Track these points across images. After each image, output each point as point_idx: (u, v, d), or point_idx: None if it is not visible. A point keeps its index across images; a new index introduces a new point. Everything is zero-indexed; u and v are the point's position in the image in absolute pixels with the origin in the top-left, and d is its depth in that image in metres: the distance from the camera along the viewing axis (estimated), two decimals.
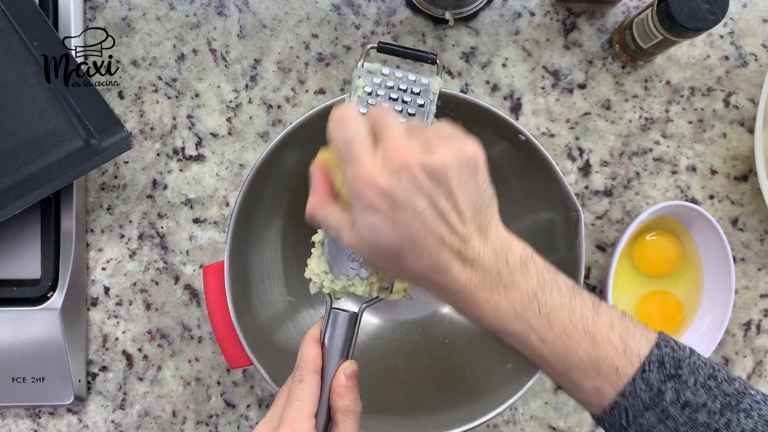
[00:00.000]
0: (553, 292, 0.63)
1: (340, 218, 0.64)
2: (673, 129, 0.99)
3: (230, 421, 0.98)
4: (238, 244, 0.82)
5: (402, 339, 0.96)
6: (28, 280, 0.94)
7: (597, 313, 0.63)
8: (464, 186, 0.61)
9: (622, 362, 0.62)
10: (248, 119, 0.98)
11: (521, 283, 0.63)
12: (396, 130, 0.61)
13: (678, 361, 0.62)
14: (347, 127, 0.62)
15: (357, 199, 0.61)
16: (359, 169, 0.60)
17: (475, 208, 0.62)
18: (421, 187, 0.59)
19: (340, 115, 0.63)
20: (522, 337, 0.63)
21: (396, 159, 0.59)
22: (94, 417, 0.98)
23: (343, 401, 0.68)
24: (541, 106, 0.98)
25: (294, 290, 0.92)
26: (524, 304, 0.62)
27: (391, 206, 0.59)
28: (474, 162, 0.62)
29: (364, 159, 0.60)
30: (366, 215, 0.60)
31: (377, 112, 0.63)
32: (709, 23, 0.83)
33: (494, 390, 0.84)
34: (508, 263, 0.63)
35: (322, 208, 0.66)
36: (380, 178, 0.59)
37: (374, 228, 0.60)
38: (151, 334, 0.98)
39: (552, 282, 0.64)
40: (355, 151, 0.60)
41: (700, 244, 0.97)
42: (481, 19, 0.98)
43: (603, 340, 0.62)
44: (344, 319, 0.71)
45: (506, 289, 0.62)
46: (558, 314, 0.62)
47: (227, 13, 0.98)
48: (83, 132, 0.91)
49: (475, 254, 0.62)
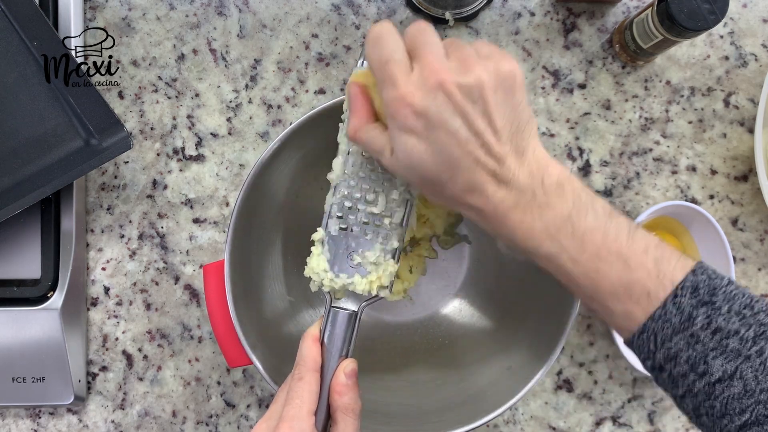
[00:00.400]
0: (588, 214, 0.63)
1: (382, 141, 0.64)
2: (673, 129, 0.99)
3: (230, 421, 0.98)
4: (238, 243, 0.82)
5: (402, 340, 0.96)
6: (28, 280, 0.94)
7: (632, 238, 0.63)
8: (500, 105, 0.61)
9: (655, 286, 0.62)
10: (248, 119, 0.98)
11: (556, 204, 0.62)
12: (433, 48, 0.61)
13: (713, 289, 0.62)
14: (384, 47, 0.61)
15: (392, 119, 0.61)
16: (395, 89, 0.60)
17: (512, 128, 0.61)
18: (456, 105, 0.59)
19: (377, 33, 0.62)
20: (553, 257, 0.63)
21: (432, 78, 0.59)
22: (94, 417, 0.98)
23: (343, 400, 0.68)
24: (541, 106, 0.98)
25: (294, 290, 0.92)
26: (558, 226, 0.62)
27: (426, 126, 0.59)
28: (511, 81, 0.61)
29: (399, 79, 0.60)
30: (401, 136, 0.61)
31: (416, 29, 0.62)
32: (709, 23, 0.83)
33: (494, 391, 0.84)
34: (543, 185, 0.62)
35: (364, 130, 0.66)
36: (415, 98, 0.59)
37: (410, 149, 0.61)
38: (151, 334, 0.98)
39: (588, 204, 0.63)
40: (391, 71, 0.60)
41: (700, 244, 0.97)
42: (481, 19, 0.98)
43: (636, 263, 0.62)
44: (344, 317, 0.71)
45: (540, 210, 0.62)
46: (591, 236, 0.62)
47: (227, 13, 0.98)
48: (83, 132, 0.91)
49: (511, 175, 0.61)
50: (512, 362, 0.86)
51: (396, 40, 0.62)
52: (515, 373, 0.84)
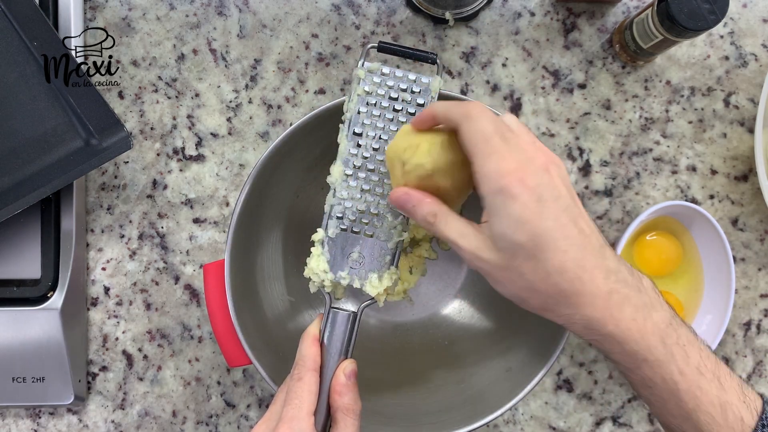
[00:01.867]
0: (682, 325, 0.61)
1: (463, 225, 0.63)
2: (673, 129, 0.99)
3: (230, 421, 0.98)
4: (238, 243, 0.82)
5: (402, 341, 0.96)
6: (28, 280, 0.94)
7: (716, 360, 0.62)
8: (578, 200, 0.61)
9: (746, 412, 0.61)
10: (248, 119, 0.98)
11: (658, 306, 0.61)
12: (528, 135, 0.61)
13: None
14: (488, 122, 0.61)
15: (501, 191, 0.59)
16: (504, 162, 0.59)
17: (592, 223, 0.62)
18: (560, 188, 0.59)
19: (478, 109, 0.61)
20: (664, 365, 0.61)
21: (538, 160, 0.59)
22: (94, 417, 0.98)
23: (343, 400, 0.68)
24: (541, 106, 0.98)
25: (294, 290, 0.92)
26: (666, 330, 0.60)
27: (538, 200, 0.58)
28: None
29: (507, 154, 0.59)
30: (510, 209, 0.58)
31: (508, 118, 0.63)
32: (709, 23, 0.83)
33: (494, 392, 0.84)
34: (643, 284, 0.61)
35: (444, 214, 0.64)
36: (527, 172, 0.58)
37: (517, 222, 0.58)
38: (151, 334, 0.98)
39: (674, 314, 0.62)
40: (497, 146, 0.59)
41: (700, 244, 0.97)
42: (481, 19, 0.98)
43: (728, 385, 0.61)
44: (344, 318, 0.71)
45: (649, 310, 0.60)
46: (692, 348, 0.61)
47: (227, 13, 0.98)
48: (83, 132, 0.91)
49: (615, 266, 0.60)
50: (512, 363, 0.86)
51: (496, 117, 0.61)
52: (515, 374, 0.84)
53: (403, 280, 0.90)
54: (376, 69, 0.71)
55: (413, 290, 0.94)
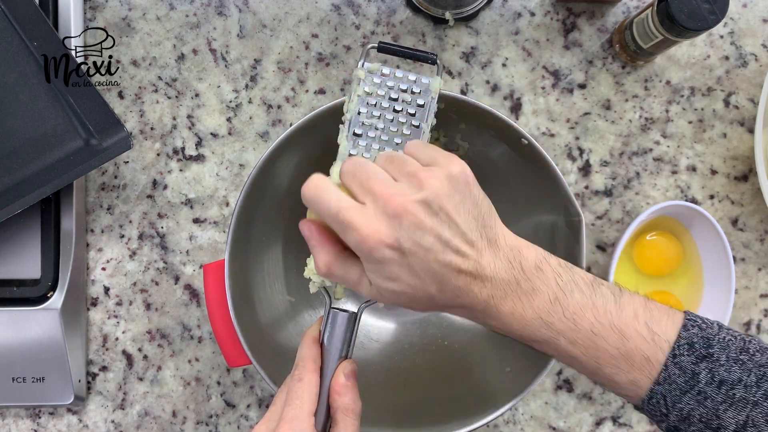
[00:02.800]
0: (574, 291, 0.63)
1: (358, 272, 0.64)
2: (673, 129, 0.99)
3: (230, 421, 0.98)
4: (238, 243, 0.82)
5: (401, 341, 0.96)
6: (28, 280, 0.94)
7: (620, 306, 0.63)
8: (461, 208, 0.62)
9: (652, 351, 0.62)
10: (248, 119, 0.98)
11: (541, 288, 0.63)
12: (378, 176, 0.62)
13: (707, 340, 0.62)
14: (327, 199, 0.62)
15: (366, 259, 0.61)
16: (358, 232, 0.60)
17: (478, 225, 0.62)
18: (423, 224, 0.60)
19: (313, 189, 0.63)
20: (551, 342, 0.63)
21: (390, 206, 0.60)
22: (94, 417, 0.98)
23: (343, 400, 0.68)
24: (541, 106, 0.98)
25: (294, 290, 0.92)
26: (548, 310, 0.63)
27: (401, 254, 0.60)
28: (464, 179, 0.62)
29: (358, 221, 0.60)
30: (379, 270, 0.61)
31: (350, 165, 0.63)
32: (709, 23, 0.83)
33: (494, 392, 0.84)
34: (524, 270, 0.63)
35: (338, 265, 0.65)
36: (382, 233, 0.59)
37: (391, 279, 0.61)
38: (151, 334, 0.98)
39: (570, 281, 0.64)
40: (346, 218, 0.60)
41: (700, 244, 0.97)
42: (481, 19, 0.98)
43: (630, 332, 0.62)
44: (343, 318, 0.71)
45: (528, 297, 0.63)
46: (582, 314, 0.63)
47: (227, 13, 0.98)
48: (83, 132, 0.91)
49: (491, 270, 0.62)
50: (512, 363, 0.86)
51: (333, 188, 0.62)
52: (515, 374, 0.84)
53: None
54: (376, 70, 0.71)
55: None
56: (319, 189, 0.62)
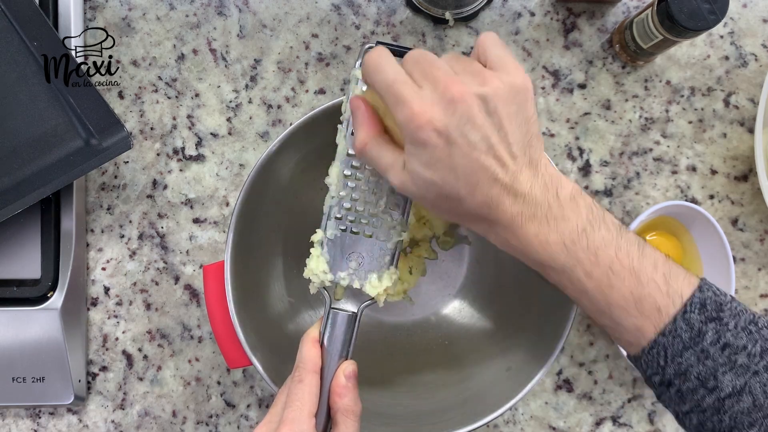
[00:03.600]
0: (601, 228, 0.63)
1: (392, 156, 0.64)
2: (673, 129, 0.99)
3: (230, 421, 0.98)
4: (238, 244, 0.82)
5: (402, 341, 0.96)
6: (28, 280, 0.94)
7: (642, 253, 0.64)
8: (515, 117, 0.61)
9: (665, 302, 0.63)
10: (248, 119, 0.98)
11: (571, 217, 0.63)
12: (442, 65, 0.61)
13: (720, 305, 0.63)
14: (386, 69, 0.61)
15: (411, 137, 0.60)
16: (408, 108, 0.59)
17: (525, 142, 0.62)
18: (475, 119, 0.59)
19: (375, 59, 0.62)
20: (568, 270, 0.64)
21: (449, 91, 0.59)
22: (94, 417, 0.98)
23: (343, 401, 0.68)
24: (541, 106, 0.98)
25: (294, 291, 0.92)
26: (573, 238, 0.63)
27: (446, 142, 0.59)
28: (524, 94, 0.62)
29: (412, 97, 0.60)
30: (421, 152, 0.60)
31: (418, 54, 0.63)
32: (709, 23, 0.83)
33: (494, 392, 0.84)
34: (558, 197, 0.63)
35: (374, 144, 0.65)
36: (434, 113, 0.59)
37: (428, 165, 0.61)
38: (151, 334, 0.98)
39: (600, 218, 0.64)
40: (399, 91, 0.60)
41: (700, 244, 0.97)
42: (481, 19, 0.98)
43: (647, 279, 0.63)
44: (343, 319, 0.71)
45: (556, 223, 0.63)
46: (605, 250, 0.63)
47: (227, 13, 0.98)
48: (83, 132, 0.91)
49: (527, 188, 0.62)
50: (512, 363, 0.86)
51: (395, 63, 0.62)
52: (515, 373, 0.84)
53: (403, 281, 0.90)
54: None
55: (413, 290, 0.94)
56: (381, 59, 0.62)
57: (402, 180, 0.63)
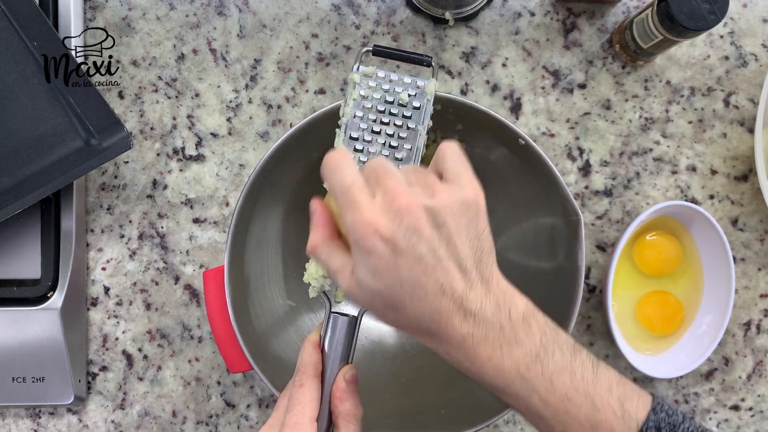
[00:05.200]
0: (555, 352, 0.62)
1: (341, 261, 0.63)
2: (673, 129, 0.99)
3: (230, 421, 0.98)
4: (238, 248, 0.82)
5: (403, 343, 0.96)
6: (28, 280, 0.94)
7: (597, 376, 0.63)
8: (464, 231, 0.60)
9: (620, 427, 0.62)
10: (248, 119, 0.98)
11: (524, 341, 0.62)
12: (396, 175, 0.61)
13: (673, 426, 0.63)
14: (344, 173, 0.61)
15: (357, 244, 0.60)
16: (360, 214, 0.59)
17: (476, 257, 0.61)
18: (422, 231, 0.59)
19: (336, 160, 0.62)
20: (523, 398, 0.62)
21: (397, 202, 0.59)
22: (94, 417, 0.98)
23: (344, 406, 0.68)
24: (541, 106, 0.98)
25: (294, 294, 0.92)
26: (527, 365, 0.61)
27: (392, 251, 0.58)
28: (475, 207, 0.61)
29: (363, 204, 0.59)
30: (366, 261, 0.59)
31: (374, 163, 0.62)
32: (709, 23, 0.83)
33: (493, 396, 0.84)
34: (511, 318, 0.61)
35: (324, 247, 0.65)
36: (381, 223, 0.58)
37: (374, 274, 0.59)
38: (151, 334, 0.98)
39: (554, 341, 0.63)
40: (354, 196, 0.60)
41: (700, 244, 0.97)
42: (481, 19, 0.98)
43: (603, 404, 0.62)
44: (344, 323, 0.70)
45: (510, 347, 0.61)
46: (560, 377, 0.62)
47: (227, 13, 0.98)
48: (83, 132, 0.91)
49: (477, 306, 0.60)
50: None
51: (355, 168, 0.61)
52: None
53: None
54: (371, 73, 0.71)
55: None
56: (342, 161, 0.62)
57: (349, 285, 0.62)
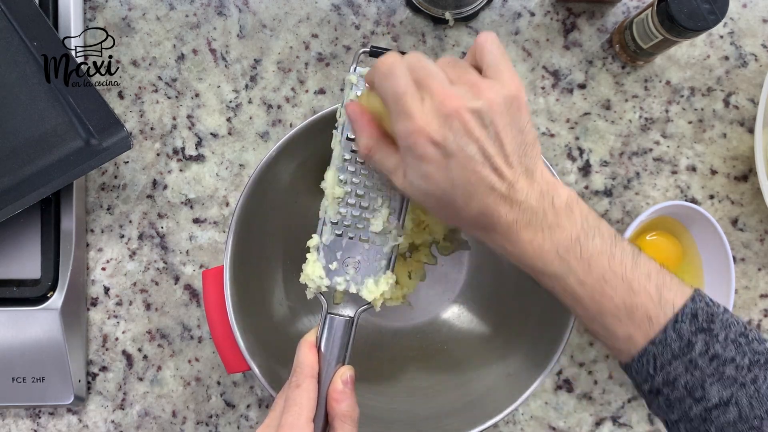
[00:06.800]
0: (596, 237, 0.64)
1: (394, 161, 0.65)
2: (673, 129, 0.99)
3: (230, 421, 0.98)
4: (238, 247, 0.82)
5: (401, 345, 0.96)
6: (28, 280, 0.94)
7: (636, 263, 0.65)
8: (510, 128, 0.62)
9: (656, 311, 0.64)
10: (248, 119, 0.98)
11: (566, 225, 0.64)
12: (438, 77, 0.62)
13: (711, 316, 0.64)
14: (397, 81, 0.62)
15: (409, 150, 0.62)
16: (411, 122, 0.60)
17: (521, 150, 0.63)
18: (471, 132, 0.60)
19: (389, 66, 0.63)
20: (561, 278, 0.65)
21: (445, 106, 0.60)
22: (94, 417, 0.98)
23: (341, 407, 0.68)
24: (541, 106, 0.98)
25: (293, 295, 0.92)
26: (567, 247, 0.64)
27: (443, 155, 0.61)
28: (518, 102, 0.63)
29: (414, 111, 0.60)
30: (418, 165, 0.62)
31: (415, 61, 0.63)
32: (709, 23, 0.83)
33: (493, 397, 0.84)
34: (554, 205, 0.64)
35: (378, 149, 0.66)
36: (431, 129, 0.60)
37: (426, 177, 0.62)
38: (151, 334, 0.98)
39: (595, 227, 0.65)
40: (406, 104, 0.61)
41: (700, 244, 0.97)
42: (481, 19, 0.98)
43: (639, 288, 0.64)
44: (340, 324, 0.71)
45: (551, 231, 0.64)
46: (598, 259, 0.64)
47: (227, 13, 0.98)
48: (83, 132, 0.91)
49: (523, 196, 0.63)
50: (511, 368, 0.86)
51: (407, 74, 0.62)
52: (514, 378, 0.84)
53: (402, 285, 0.90)
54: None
55: (412, 295, 0.94)
56: (395, 67, 0.62)
57: (403, 185, 0.65)
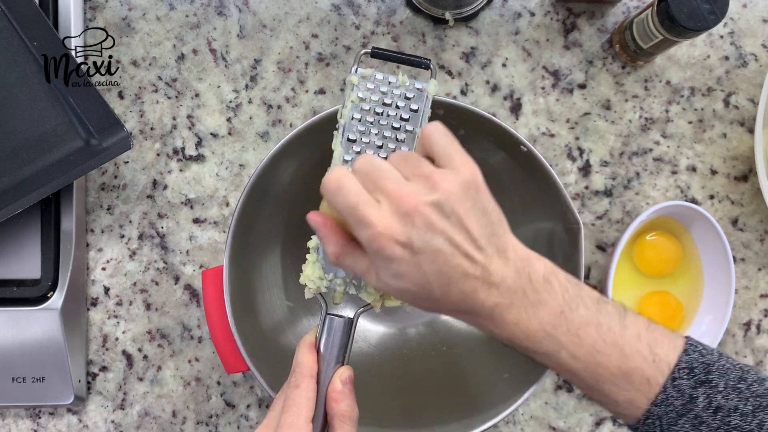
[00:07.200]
0: (580, 307, 0.64)
1: (365, 264, 0.64)
2: (673, 129, 0.98)
3: (230, 421, 0.98)
4: (237, 249, 0.82)
5: (400, 346, 0.96)
6: (28, 280, 0.94)
7: (624, 325, 0.64)
8: (472, 212, 0.61)
9: (653, 372, 0.63)
10: (248, 119, 0.98)
11: (547, 301, 0.63)
12: (392, 176, 0.62)
13: (707, 366, 0.63)
14: (347, 193, 0.61)
15: (376, 254, 0.61)
16: (372, 228, 0.60)
17: (488, 231, 0.62)
18: (434, 226, 0.60)
19: (336, 183, 0.62)
20: (553, 355, 0.64)
21: (403, 205, 0.60)
22: (94, 417, 0.98)
23: (340, 407, 0.68)
24: (541, 106, 0.98)
25: (293, 295, 0.92)
26: (553, 323, 0.63)
27: (411, 253, 0.60)
28: (475, 185, 0.62)
29: (373, 217, 0.60)
30: (388, 266, 0.61)
31: (365, 163, 0.63)
32: (709, 23, 0.83)
33: (492, 398, 0.84)
34: (532, 281, 0.63)
35: (346, 255, 0.65)
36: (394, 231, 0.59)
37: (399, 276, 0.61)
38: (151, 334, 0.98)
39: (577, 296, 0.64)
40: (362, 214, 0.60)
41: (700, 244, 0.97)
42: (481, 19, 0.98)
43: (632, 351, 0.63)
44: (339, 324, 0.70)
45: (534, 309, 0.63)
46: (587, 330, 0.63)
47: (227, 13, 0.98)
48: (83, 132, 0.91)
49: (499, 278, 0.62)
50: (510, 369, 0.86)
51: (356, 184, 0.62)
52: (513, 380, 0.84)
53: None
54: (369, 75, 0.71)
55: None
56: (342, 181, 0.62)
57: (378, 285, 0.64)
